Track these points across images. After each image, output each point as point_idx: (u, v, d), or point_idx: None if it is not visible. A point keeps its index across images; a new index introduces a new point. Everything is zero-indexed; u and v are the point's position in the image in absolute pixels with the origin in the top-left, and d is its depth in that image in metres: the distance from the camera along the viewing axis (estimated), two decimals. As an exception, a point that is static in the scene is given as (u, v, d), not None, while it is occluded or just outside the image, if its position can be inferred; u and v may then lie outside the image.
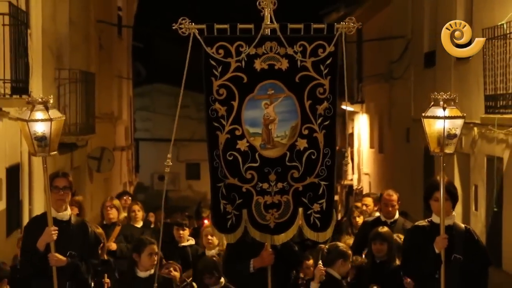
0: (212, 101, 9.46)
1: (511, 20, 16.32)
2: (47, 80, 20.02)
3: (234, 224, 9.57)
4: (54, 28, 21.80)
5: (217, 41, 9.36)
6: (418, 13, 25.89)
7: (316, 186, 9.61)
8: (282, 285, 10.01)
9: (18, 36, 16.84)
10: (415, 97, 25.67)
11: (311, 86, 9.46)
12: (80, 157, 24.78)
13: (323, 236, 9.73)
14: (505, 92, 16.13)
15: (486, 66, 17.23)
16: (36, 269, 9.56)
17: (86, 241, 9.87)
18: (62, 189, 9.72)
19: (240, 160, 9.53)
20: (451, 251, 9.15)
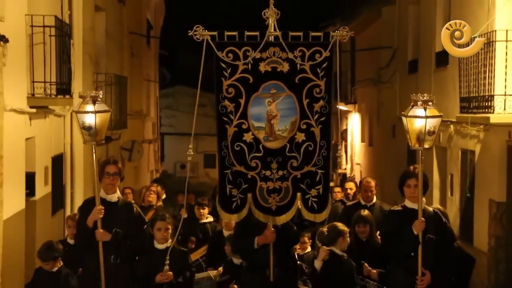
0: (222, 98, 9.57)
1: (483, 33, 16.39)
2: (87, 83, 20.12)
3: (239, 205, 9.66)
4: (93, 38, 21.91)
5: (227, 46, 9.47)
6: (403, 27, 25.81)
7: (313, 174, 9.67)
8: (282, 260, 9.94)
9: (62, 45, 16.95)
10: (400, 99, 25.56)
11: (309, 86, 9.58)
12: (114, 148, 24.87)
13: (319, 217, 9.82)
14: (477, 95, 16.10)
15: (461, 72, 17.17)
16: (86, 243, 9.70)
17: (131, 220, 9.94)
18: (113, 175, 9.87)
19: (246, 150, 9.61)
20: (425, 232, 9.16)
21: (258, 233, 9.75)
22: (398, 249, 9.36)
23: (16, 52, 14.95)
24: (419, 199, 9.21)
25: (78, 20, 19.89)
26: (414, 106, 9.31)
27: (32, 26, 15.91)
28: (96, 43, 22.52)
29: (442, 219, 9.62)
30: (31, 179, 16.08)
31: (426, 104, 9.17)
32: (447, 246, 9.41)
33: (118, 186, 10.27)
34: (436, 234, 9.28)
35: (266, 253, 9.68)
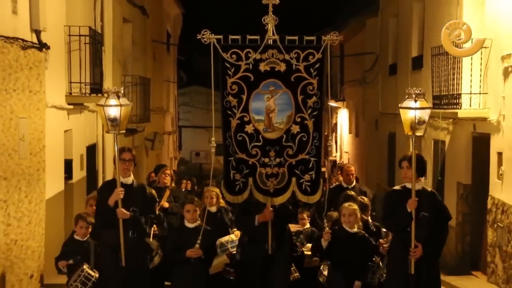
0: (226, 94, 9.51)
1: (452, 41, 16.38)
2: (116, 83, 20.08)
3: (241, 188, 9.57)
4: (121, 45, 21.92)
5: (231, 48, 9.39)
6: (384, 36, 25.80)
7: (307, 161, 9.58)
8: (279, 235, 9.85)
9: (95, 51, 17.00)
10: (382, 97, 25.58)
11: (303, 84, 9.48)
12: (139, 139, 24.88)
13: (312, 199, 9.79)
14: (447, 94, 16.13)
15: (434, 74, 17.18)
16: (107, 220, 9.57)
17: (145, 200, 9.81)
18: (128, 161, 9.76)
19: (247, 140, 9.54)
20: (419, 210, 8.99)
21: (258, 212, 9.66)
22: (395, 224, 9.29)
23: (56, 57, 15.00)
24: (413, 180, 9.04)
25: (109, 30, 19.92)
26: (408, 98, 9.18)
27: (70, 35, 15.98)
28: (123, 49, 22.55)
29: (438, 199, 9.49)
30: (69, 165, 16.15)
31: (418, 97, 9.05)
32: (442, 223, 9.28)
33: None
34: (432, 212, 9.12)
35: (265, 229, 9.61)
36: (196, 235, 9.35)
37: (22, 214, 12.90)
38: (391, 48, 24.83)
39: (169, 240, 9.92)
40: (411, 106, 9.02)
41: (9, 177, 12.36)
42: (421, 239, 8.90)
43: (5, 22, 12.22)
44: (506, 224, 13.85)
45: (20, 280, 12.84)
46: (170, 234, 10.18)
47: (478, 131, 15.77)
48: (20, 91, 12.80)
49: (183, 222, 9.84)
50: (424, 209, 9.03)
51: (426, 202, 9.10)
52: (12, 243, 12.51)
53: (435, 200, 9.36)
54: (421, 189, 9.20)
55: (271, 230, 9.59)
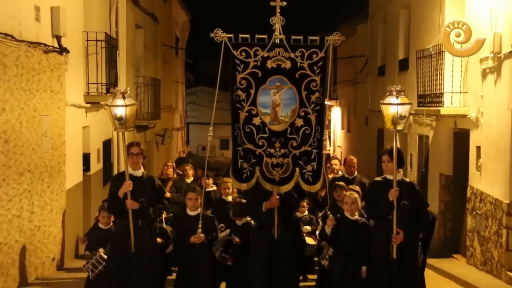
0: (236, 89, 9.35)
1: (435, 45, 16.38)
2: (129, 84, 20.12)
3: (248, 176, 9.40)
4: (134, 49, 21.93)
5: (241, 46, 9.27)
6: (373, 40, 25.76)
7: (309, 153, 9.45)
8: (285, 221, 9.63)
9: (110, 54, 17.00)
10: (371, 96, 25.49)
11: (307, 81, 9.35)
12: (150, 134, 24.88)
13: (314, 188, 9.63)
14: (430, 93, 16.11)
15: (418, 75, 17.15)
16: (117, 210, 9.47)
17: (154, 191, 9.60)
18: (136, 155, 9.55)
19: (254, 132, 9.38)
20: (400, 199, 8.87)
21: (266, 199, 9.48)
22: (377, 212, 9.13)
23: (75, 60, 15.03)
24: (394, 172, 8.90)
25: (123, 35, 19.95)
26: (389, 95, 9.03)
27: (87, 40, 16.00)
28: (136, 53, 22.56)
29: (416, 188, 9.34)
30: (87, 158, 16.19)
31: (399, 93, 8.95)
32: (420, 211, 9.16)
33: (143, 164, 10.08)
34: (411, 201, 8.99)
35: (272, 216, 9.46)
36: (198, 222, 9.18)
37: (44, 203, 12.96)
38: (380, 51, 24.78)
39: (173, 228, 9.82)
40: (392, 102, 8.91)
41: (33, 169, 12.42)
42: (402, 226, 8.80)
43: (29, 28, 12.26)
44: (483, 212, 13.89)
45: (43, 263, 12.90)
46: (174, 222, 10.04)
47: (458, 127, 15.78)
48: (42, 91, 12.84)
49: (185, 210, 9.65)
50: (404, 198, 8.91)
51: (405, 192, 8.97)
52: (36, 229, 12.57)
53: (413, 189, 9.22)
54: (400, 179, 9.08)
55: (277, 217, 9.46)
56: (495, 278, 13.05)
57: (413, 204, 9.00)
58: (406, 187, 9.06)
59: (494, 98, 13.54)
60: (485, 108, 14.03)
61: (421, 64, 17.12)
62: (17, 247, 11.75)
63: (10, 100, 11.48)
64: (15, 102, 11.67)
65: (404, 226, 8.83)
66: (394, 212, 8.79)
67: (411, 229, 8.97)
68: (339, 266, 9.17)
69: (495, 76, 13.48)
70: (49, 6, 13.29)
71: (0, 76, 11.08)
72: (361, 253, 9.10)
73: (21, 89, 11.90)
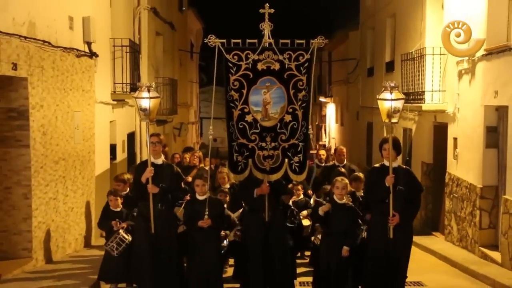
0: (229, 89, 9.17)
1: (418, 49, 16.38)
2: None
3: (243, 168, 9.21)
4: (154, 53, 21.94)
5: (233, 50, 9.05)
6: (363, 45, 25.76)
7: (296, 145, 9.24)
8: (274, 206, 9.35)
9: (134, 58, 17.02)
10: (361, 94, 25.54)
11: (294, 80, 9.11)
12: (169, 127, 24.89)
13: (300, 177, 9.48)
14: (413, 91, 16.09)
15: (403, 75, 17.14)
16: (140, 194, 9.21)
17: (173, 178, 9.37)
18: (156, 143, 9.30)
19: (247, 128, 9.18)
20: (396, 185, 8.60)
21: (257, 186, 9.24)
22: (375, 196, 8.86)
23: (103, 63, 15.08)
24: (390, 159, 8.66)
25: (145, 42, 19.96)
26: (384, 91, 8.75)
27: (114, 46, 16.02)
28: (156, 56, 22.55)
29: (412, 174, 9.10)
30: (113, 149, 16.23)
31: (393, 89, 8.69)
32: (415, 195, 8.93)
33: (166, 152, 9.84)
34: (406, 186, 8.71)
35: (263, 201, 9.21)
36: (206, 206, 8.99)
37: (77, 187, 13.03)
38: (369, 55, 24.76)
39: (185, 211, 9.59)
40: (387, 97, 8.67)
41: (67, 158, 12.48)
42: (398, 209, 8.59)
43: (64, 36, 12.32)
44: (460, 195, 13.91)
45: (76, 239, 12.98)
46: (186, 206, 9.74)
47: (438, 121, 15.80)
48: (75, 90, 12.90)
49: (194, 195, 9.40)
50: (400, 183, 8.65)
51: (401, 178, 8.71)
52: (70, 210, 12.65)
53: (409, 175, 8.97)
54: (397, 166, 8.85)
55: (267, 201, 9.21)
56: (469, 252, 13.09)
57: (408, 189, 8.77)
58: (402, 173, 8.84)
59: (469, 96, 13.55)
60: (461, 104, 14.04)
61: (405, 66, 17.13)
62: (53, 225, 11.83)
63: (47, 98, 11.54)
64: (52, 99, 11.73)
65: (400, 209, 8.61)
66: (391, 197, 8.58)
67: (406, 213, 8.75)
68: (327, 244, 9.00)
69: (469, 77, 13.49)
70: (81, 16, 13.35)
71: (39, 77, 11.15)
72: (345, 234, 8.91)
73: (57, 88, 11.96)
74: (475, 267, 11.58)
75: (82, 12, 13.42)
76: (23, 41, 10.53)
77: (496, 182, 12.62)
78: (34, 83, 10.97)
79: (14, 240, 10.91)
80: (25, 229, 10.92)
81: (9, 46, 10.07)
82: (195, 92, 36.83)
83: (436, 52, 15.32)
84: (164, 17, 23.47)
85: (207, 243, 8.99)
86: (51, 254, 11.72)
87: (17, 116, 10.80)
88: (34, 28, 10.97)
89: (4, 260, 10.57)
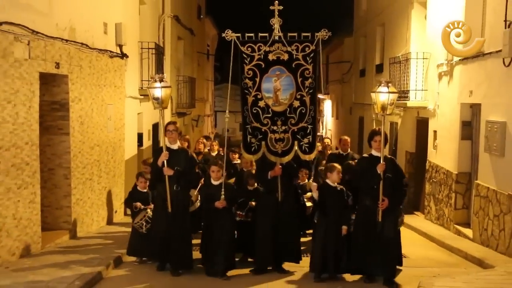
0: (244, 78, 8.99)
1: (404, 53, 16.37)
2: (172, 81, 20.14)
3: (256, 149, 9.04)
4: (176, 55, 21.96)
5: (247, 43, 8.93)
6: (357, 49, 25.67)
7: (305, 128, 9.04)
8: (286, 187, 9.17)
9: (158, 59, 17.04)
10: (354, 92, 25.47)
11: (301, 69, 8.96)
12: (188, 119, 24.91)
13: (310, 157, 9.21)
14: (399, 90, 15.95)
15: (391, 76, 16.96)
16: (157, 176, 8.98)
17: (187, 162, 9.08)
18: (172, 131, 9.06)
19: (260, 112, 9.01)
20: (385, 172, 8.33)
21: (271, 168, 9.06)
22: (366, 182, 8.50)
23: (132, 63, 15.13)
24: (381, 149, 8.44)
25: (168, 45, 19.99)
26: (380, 85, 8.55)
27: (142, 48, 16.08)
28: (178, 58, 22.59)
29: (396, 163, 8.82)
30: (140, 137, 16.31)
31: (387, 84, 8.54)
32: (399, 181, 8.60)
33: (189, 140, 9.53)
34: (392, 173, 8.46)
35: (276, 182, 9.05)
36: (220, 190, 8.77)
37: (109, 169, 13.12)
38: (361, 58, 24.71)
39: (202, 194, 9.44)
40: (383, 91, 8.46)
41: (101, 145, 12.57)
42: (386, 194, 8.34)
43: (99, 39, 12.38)
44: (438, 180, 13.94)
45: (107, 215, 13.09)
46: (202, 189, 9.53)
47: (420, 116, 15.79)
48: (108, 86, 12.97)
49: (210, 180, 9.11)
50: (388, 171, 8.40)
51: (388, 166, 8.46)
52: (103, 189, 12.75)
53: (394, 164, 8.70)
54: (384, 155, 8.56)
55: (280, 183, 9.04)
56: (445, 229, 13.13)
57: (394, 176, 8.54)
58: (389, 162, 8.58)
59: (447, 95, 13.55)
60: (440, 102, 14.05)
61: (392, 68, 17.12)
62: (89, 202, 11.94)
63: (85, 93, 11.62)
64: (88, 94, 11.81)
65: (388, 194, 8.37)
66: (381, 183, 8.32)
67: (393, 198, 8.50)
68: (322, 224, 8.75)
69: (448, 78, 13.49)
70: (114, 23, 13.40)
71: (77, 75, 11.23)
72: (341, 215, 8.70)
73: (93, 85, 12.03)
74: (450, 241, 11.60)
75: (114, 19, 13.47)
76: (65, 43, 10.61)
77: (469, 169, 12.64)
78: (73, 80, 11.05)
79: (56, 214, 11.05)
80: (65, 205, 11.06)
81: (53, 48, 10.16)
82: (211, 89, 36.88)
83: (420, 56, 15.30)
84: (185, 23, 23.49)
85: (222, 221, 8.85)
86: (88, 226, 11.85)
87: (59, 108, 10.90)
88: (74, 32, 11.04)
89: (48, 230, 10.69)
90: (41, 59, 9.74)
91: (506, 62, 10.25)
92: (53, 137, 10.94)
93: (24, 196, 9.30)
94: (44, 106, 10.65)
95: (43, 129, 10.55)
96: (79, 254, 9.58)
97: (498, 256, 10.09)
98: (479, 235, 11.27)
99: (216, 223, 8.81)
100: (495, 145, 10.67)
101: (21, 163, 9.17)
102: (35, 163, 9.59)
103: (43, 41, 9.77)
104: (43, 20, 9.81)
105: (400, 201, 8.85)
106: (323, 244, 8.65)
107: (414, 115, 16.27)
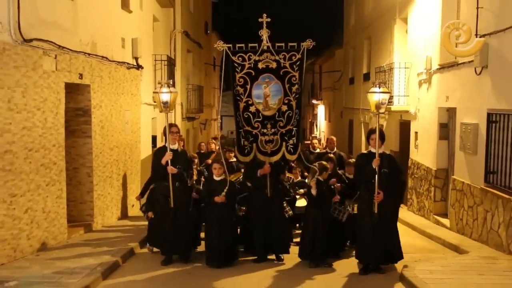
0: (235, 85, 8.77)
1: (388, 63, 16.39)
2: (182, 89, 20.08)
3: (249, 151, 8.88)
4: (186, 66, 21.95)
5: (238, 53, 8.69)
6: (346, 60, 25.61)
7: (291, 130, 8.85)
8: (275, 184, 8.98)
9: (170, 69, 17.09)
10: (345, 98, 25.41)
11: (288, 76, 8.71)
12: (196, 123, 24.81)
13: (293, 157, 8.99)
14: (384, 96, 16.19)
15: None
16: (160, 175, 8.70)
17: (186, 160, 8.93)
18: (174, 133, 8.83)
19: (251, 117, 8.79)
20: (381, 167, 8.07)
21: (260, 167, 8.89)
22: (364, 177, 8.25)
23: (147, 73, 15.18)
24: (377, 146, 8.09)
25: (178, 57, 20.00)
26: (373, 86, 8.33)
27: (155, 60, 16.11)
28: (187, 68, 22.57)
29: (393, 159, 8.60)
30: (154, 139, 16.27)
31: (380, 85, 8.27)
32: (395, 177, 8.32)
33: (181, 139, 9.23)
34: (389, 169, 8.18)
35: (265, 179, 8.85)
36: (221, 185, 8.52)
37: (127, 168, 13.16)
38: (350, 67, 24.68)
39: (204, 188, 9.11)
40: (376, 91, 8.23)
41: (119, 146, 12.62)
42: (382, 188, 8.11)
43: (117, 52, 12.44)
44: (419, 176, 13.98)
45: (125, 209, 13.15)
46: (204, 184, 9.20)
47: (403, 119, 15.81)
48: (125, 94, 13.02)
49: (212, 176, 8.85)
50: (384, 166, 8.14)
51: (385, 162, 8.19)
52: (121, 185, 12.79)
53: (392, 160, 8.43)
54: (382, 152, 8.28)
55: (269, 180, 8.83)
56: (426, 219, 13.14)
57: (391, 171, 8.21)
58: (386, 158, 8.32)
59: (426, 100, 13.59)
60: (420, 106, 14.08)
61: (378, 76, 17.08)
62: (109, 197, 11.99)
63: (105, 100, 11.68)
64: (108, 101, 11.87)
65: (384, 188, 8.13)
66: (377, 177, 8.05)
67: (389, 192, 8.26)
68: (312, 216, 8.67)
69: (427, 85, 13.52)
70: (131, 38, 13.46)
71: (98, 84, 11.29)
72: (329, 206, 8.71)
73: (112, 93, 12.09)
74: (430, 230, 11.60)
75: (131, 34, 13.53)
76: (87, 57, 10.69)
77: (446, 165, 12.68)
78: (95, 89, 11.11)
79: (80, 208, 11.10)
80: (88, 200, 11.11)
81: (77, 61, 10.24)
82: (217, 96, 36.84)
83: (402, 66, 15.34)
84: (194, 38, 23.53)
85: (221, 217, 8.60)
86: (108, 219, 11.90)
87: (82, 114, 10.96)
88: (96, 47, 11.11)
89: (73, 222, 10.76)
90: (66, 70, 9.81)
91: (477, 71, 10.33)
92: (77, 140, 11.00)
93: (52, 192, 9.38)
94: (69, 112, 10.71)
95: (69, 133, 10.61)
96: (100, 244, 9.62)
97: (472, 242, 10.12)
98: (455, 224, 11.31)
99: (213, 216, 8.63)
100: (468, 144, 10.73)
101: (49, 162, 9.26)
102: (61, 163, 9.67)
103: (68, 55, 9.85)
104: (68, 36, 9.89)
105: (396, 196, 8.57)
106: (313, 232, 8.61)
107: (398, 118, 16.30)
